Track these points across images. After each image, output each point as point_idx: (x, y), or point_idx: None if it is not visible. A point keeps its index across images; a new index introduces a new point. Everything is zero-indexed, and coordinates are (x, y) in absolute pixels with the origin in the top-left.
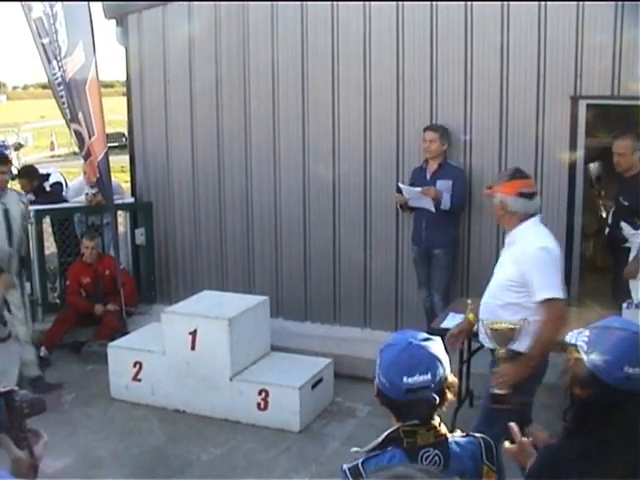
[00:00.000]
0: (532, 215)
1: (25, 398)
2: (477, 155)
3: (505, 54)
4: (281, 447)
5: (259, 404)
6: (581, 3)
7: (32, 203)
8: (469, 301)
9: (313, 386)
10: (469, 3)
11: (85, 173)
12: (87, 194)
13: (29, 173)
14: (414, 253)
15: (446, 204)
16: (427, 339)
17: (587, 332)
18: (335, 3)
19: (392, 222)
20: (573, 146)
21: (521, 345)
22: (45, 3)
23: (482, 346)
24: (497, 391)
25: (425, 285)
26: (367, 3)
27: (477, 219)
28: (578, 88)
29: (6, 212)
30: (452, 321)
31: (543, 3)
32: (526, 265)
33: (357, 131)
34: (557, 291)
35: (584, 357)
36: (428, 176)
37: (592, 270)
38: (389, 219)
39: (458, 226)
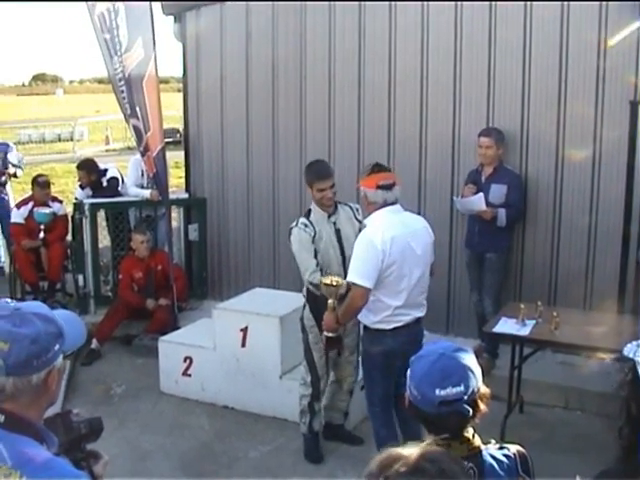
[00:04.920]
0: (391, 204)
1: (82, 418)
2: (533, 159)
3: (564, 57)
4: (329, 446)
5: None
6: None
7: (89, 197)
8: (522, 305)
9: (363, 387)
10: (528, 3)
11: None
12: (154, 188)
13: (88, 167)
14: (467, 257)
15: (502, 221)
16: (459, 350)
17: None
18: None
19: (446, 226)
20: (632, 152)
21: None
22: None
23: (534, 352)
24: (329, 334)
25: (477, 289)
26: (425, 4)
27: (532, 223)
28: (638, 93)
29: (338, 232)
30: (504, 326)
31: (604, 4)
32: (355, 247)
33: (413, 133)
34: (360, 278)
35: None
36: (483, 179)
37: None
38: (443, 223)
39: (512, 230)
